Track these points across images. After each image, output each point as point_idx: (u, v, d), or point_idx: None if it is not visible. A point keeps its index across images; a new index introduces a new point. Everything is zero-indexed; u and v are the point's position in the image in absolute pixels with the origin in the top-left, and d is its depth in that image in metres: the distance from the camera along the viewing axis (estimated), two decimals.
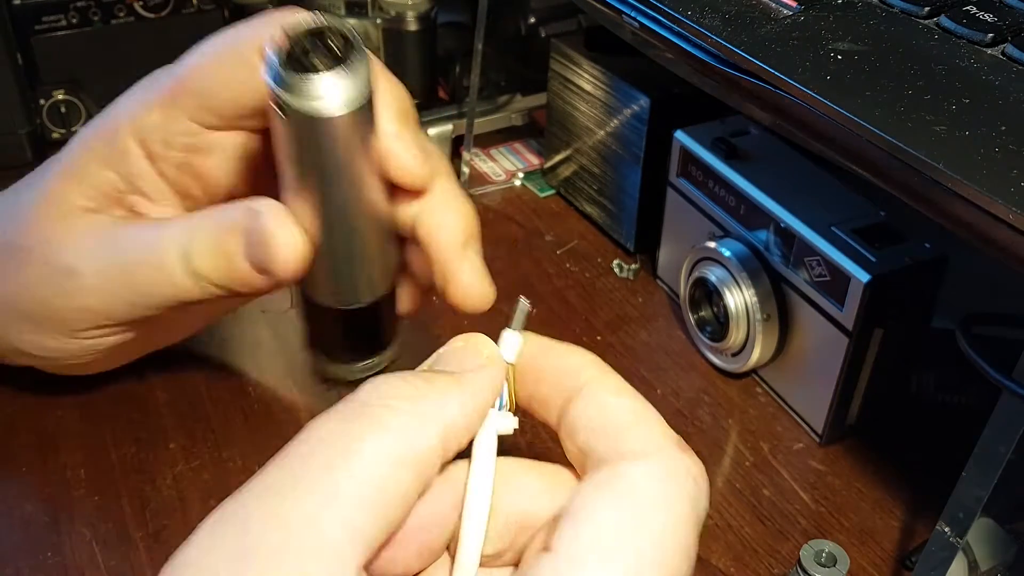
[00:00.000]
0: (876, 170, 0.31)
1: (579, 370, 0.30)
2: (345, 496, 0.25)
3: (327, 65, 0.31)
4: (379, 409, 0.27)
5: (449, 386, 0.28)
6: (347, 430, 0.26)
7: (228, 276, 0.39)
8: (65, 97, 0.66)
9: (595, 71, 0.59)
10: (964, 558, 0.37)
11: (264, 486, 0.27)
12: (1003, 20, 0.32)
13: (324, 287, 0.39)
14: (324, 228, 0.36)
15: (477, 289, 0.38)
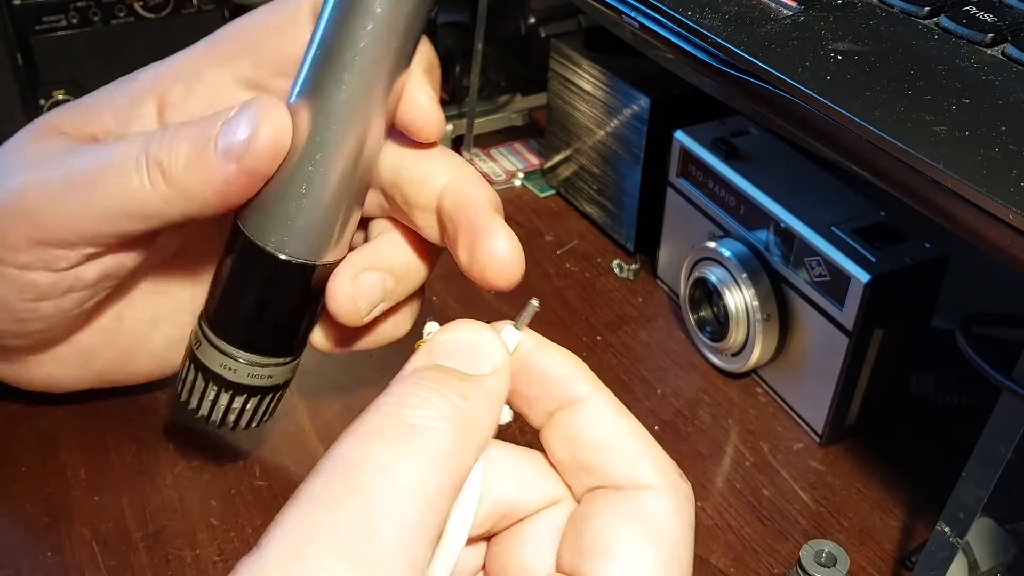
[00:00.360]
0: (876, 170, 0.31)
1: (573, 379, 0.30)
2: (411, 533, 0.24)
3: None
4: (429, 433, 0.26)
5: (482, 402, 0.28)
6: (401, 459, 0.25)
7: (194, 170, 0.35)
8: (65, 97, 0.66)
9: (595, 71, 0.59)
10: (964, 558, 0.37)
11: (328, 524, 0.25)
12: (1003, 20, 0.32)
13: (280, 219, 0.35)
14: (319, 139, 0.34)
15: (513, 257, 0.35)
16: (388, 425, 0.26)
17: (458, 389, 0.27)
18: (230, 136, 0.34)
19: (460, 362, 0.29)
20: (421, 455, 0.25)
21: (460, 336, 0.29)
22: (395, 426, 0.26)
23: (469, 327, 0.30)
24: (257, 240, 0.35)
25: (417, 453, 0.25)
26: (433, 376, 0.28)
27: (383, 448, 0.26)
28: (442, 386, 0.27)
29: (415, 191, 0.37)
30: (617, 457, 0.29)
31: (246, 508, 0.44)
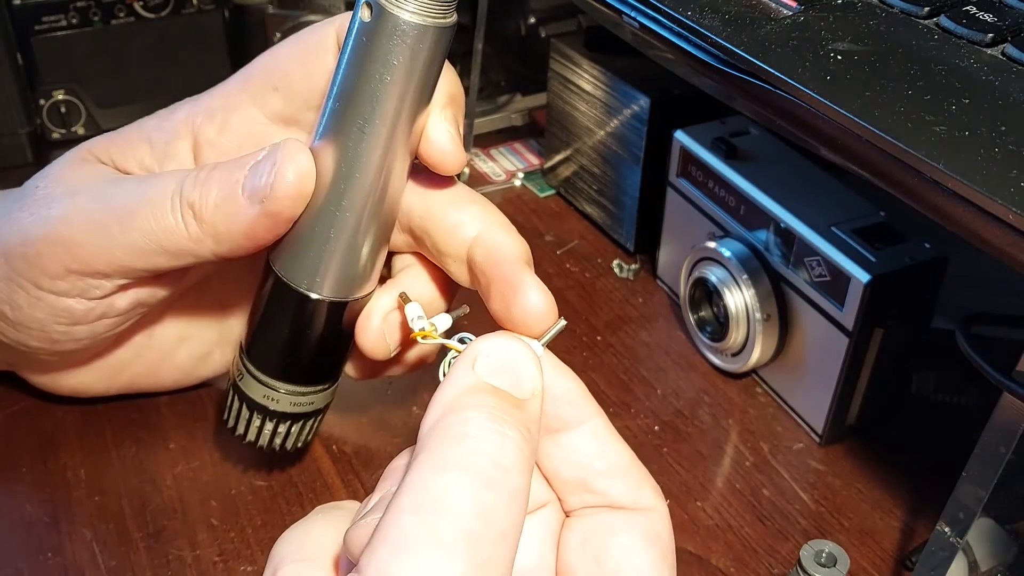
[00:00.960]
0: (876, 170, 0.31)
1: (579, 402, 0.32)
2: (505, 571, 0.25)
3: None
4: (513, 475, 0.26)
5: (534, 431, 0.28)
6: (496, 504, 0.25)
7: (215, 205, 0.36)
8: (65, 97, 0.66)
9: (595, 71, 0.59)
10: (964, 558, 0.37)
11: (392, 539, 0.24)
12: (1003, 20, 0.32)
13: (310, 261, 0.36)
14: (343, 185, 0.35)
15: (547, 308, 0.35)
16: (471, 463, 0.26)
17: (522, 423, 0.28)
18: (255, 179, 0.35)
19: (506, 381, 0.29)
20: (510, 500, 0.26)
21: (503, 353, 0.29)
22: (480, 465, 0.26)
23: (508, 343, 0.30)
24: (289, 281, 0.36)
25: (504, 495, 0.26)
26: (496, 404, 0.28)
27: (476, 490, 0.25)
28: (512, 420, 0.27)
29: (445, 240, 0.37)
30: (623, 483, 0.31)
31: (246, 508, 0.44)
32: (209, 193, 0.36)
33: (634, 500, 0.31)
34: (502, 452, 0.26)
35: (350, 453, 0.47)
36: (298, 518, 0.43)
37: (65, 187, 0.39)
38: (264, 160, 0.35)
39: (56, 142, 0.68)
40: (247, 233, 0.36)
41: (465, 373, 0.28)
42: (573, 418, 0.31)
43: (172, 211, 0.36)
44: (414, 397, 0.50)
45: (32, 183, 0.41)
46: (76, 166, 0.41)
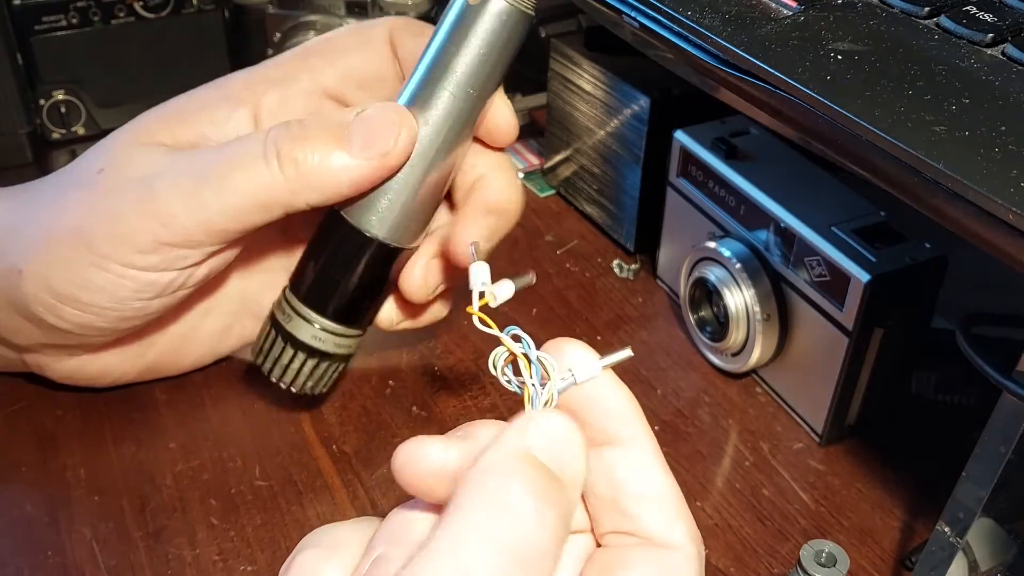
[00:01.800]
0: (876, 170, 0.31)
1: (627, 419, 0.30)
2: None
3: None
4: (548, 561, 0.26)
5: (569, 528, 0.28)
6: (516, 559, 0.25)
7: (328, 166, 0.38)
8: (65, 97, 0.66)
9: (595, 71, 0.59)
10: (964, 558, 0.37)
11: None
12: (1003, 20, 0.32)
13: (382, 209, 0.40)
14: (423, 147, 0.39)
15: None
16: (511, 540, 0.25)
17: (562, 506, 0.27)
18: (370, 136, 0.38)
19: (553, 459, 0.28)
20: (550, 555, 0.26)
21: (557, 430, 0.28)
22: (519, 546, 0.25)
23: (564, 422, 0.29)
24: (358, 225, 0.40)
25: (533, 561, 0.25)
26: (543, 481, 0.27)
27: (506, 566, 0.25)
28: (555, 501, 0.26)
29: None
30: (657, 512, 0.30)
31: (246, 508, 0.44)
32: (313, 147, 0.38)
33: (663, 534, 0.30)
34: (542, 533, 0.25)
35: (350, 453, 0.47)
36: (298, 518, 0.43)
37: (137, 169, 0.40)
38: (377, 118, 0.38)
39: (56, 142, 0.68)
40: (355, 183, 0.39)
41: (516, 439, 0.27)
42: (621, 436, 0.30)
43: (268, 166, 0.38)
44: (414, 397, 0.50)
45: (89, 166, 0.42)
46: (136, 149, 0.41)
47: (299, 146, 0.38)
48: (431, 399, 0.50)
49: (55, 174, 0.44)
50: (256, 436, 0.47)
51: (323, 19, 0.68)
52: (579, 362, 0.30)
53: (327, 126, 0.39)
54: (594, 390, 0.30)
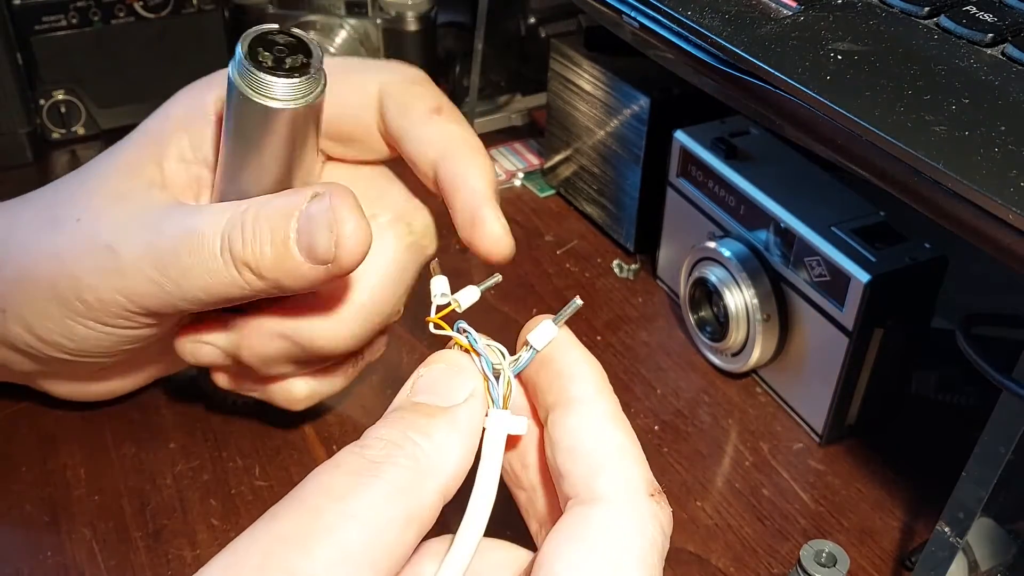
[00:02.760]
0: (876, 170, 0.31)
1: (579, 379, 0.30)
2: (352, 555, 0.26)
3: (270, 67, 0.34)
4: (384, 466, 0.27)
5: (446, 436, 0.28)
6: (355, 487, 0.27)
7: (273, 264, 0.36)
8: (65, 97, 0.66)
9: (595, 71, 0.59)
10: (964, 558, 0.37)
11: (273, 537, 0.26)
12: (1003, 20, 0.32)
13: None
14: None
15: (504, 239, 0.39)
16: (348, 461, 0.27)
17: (422, 427, 0.28)
18: (312, 239, 0.35)
19: (433, 396, 0.29)
20: (374, 487, 0.26)
21: (436, 369, 0.30)
22: (354, 462, 0.27)
23: (445, 359, 0.31)
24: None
25: (370, 485, 0.26)
26: (401, 415, 0.29)
27: (340, 478, 0.27)
28: (407, 426, 0.28)
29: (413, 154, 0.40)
30: (583, 465, 0.28)
31: (246, 508, 0.44)
32: (263, 252, 0.36)
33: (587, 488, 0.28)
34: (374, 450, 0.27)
35: None
36: None
37: (108, 230, 0.38)
38: (316, 217, 0.35)
39: (56, 142, 0.68)
40: (311, 285, 0.37)
41: (399, 396, 0.30)
42: (565, 395, 0.30)
43: (227, 269, 0.37)
44: None
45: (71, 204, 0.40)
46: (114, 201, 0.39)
47: (248, 250, 0.36)
48: None
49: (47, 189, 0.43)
50: (256, 436, 0.47)
51: (323, 19, 0.68)
52: (535, 332, 0.31)
53: (275, 223, 0.36)
54: (550, 355, 0.31)
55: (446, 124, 0.40)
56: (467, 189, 0.38)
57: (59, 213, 0.40)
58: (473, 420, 0.29)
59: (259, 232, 0.36)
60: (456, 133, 0.39)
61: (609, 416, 0.30)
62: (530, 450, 0.33)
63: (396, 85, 0.40)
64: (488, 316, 0.55)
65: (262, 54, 0.34)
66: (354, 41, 0.68)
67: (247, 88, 0.34)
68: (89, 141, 0.69)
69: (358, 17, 0.68)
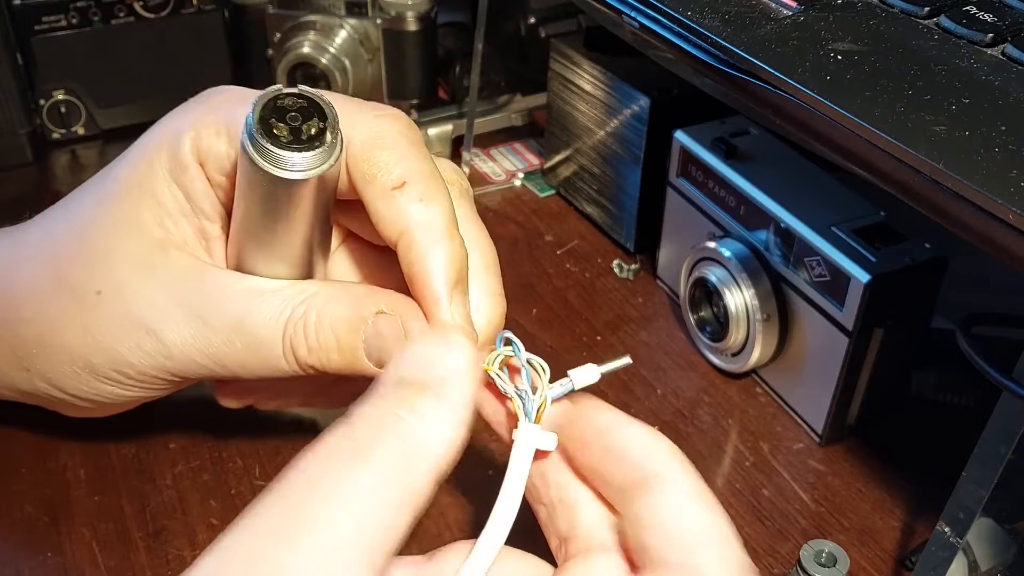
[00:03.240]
0: (876, 170, 0.31)
1: (650, 457, 0.30)
2: (343, 546, 0.25)
3: (287, 142, 0.32)
4: (373, 450, 0.26)
5: (436, 412, 0.28)
6: (341, 472, 0.26)
7: (340, 367, 0.35)
8: (65, 97, 0.66)
9: (595, 71, 0.59)
10: (964, 558, 0.37)
11: (258, 534, 0.26)
12: (1003, 20, 0.32)
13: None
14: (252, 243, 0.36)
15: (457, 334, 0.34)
16: (333, 444, 0.27)
17: (410, 403, 0.27)
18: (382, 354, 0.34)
19: (419, 371, 0.29)
20: (362, 473, 0.26)
21: (424, 342, 0.30)
22: (339, 443, 0.27)
23: (432, 335, 0.30)
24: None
25: (358, 471, 0.26)
26: (386, 391, 0.28)
27: (325, 463, 0.26)
28: (394, 403, 0.27)
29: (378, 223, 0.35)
30: (678, 541, 0.28)
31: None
32: (329, 359, 0.35)
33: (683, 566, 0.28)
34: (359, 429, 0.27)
35: None
36: None
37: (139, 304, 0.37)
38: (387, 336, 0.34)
39: (56, 142, 0.68)
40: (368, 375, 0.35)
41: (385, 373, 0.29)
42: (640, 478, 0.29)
43: (287, 363, 0.36)
44: None
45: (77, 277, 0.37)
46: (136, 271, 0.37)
47: (316, 359, 0.35)
48: None
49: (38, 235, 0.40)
50: (256, 436, 0.47)
51: (323, 19, 0.68)
52: (578, 369, 0.31)
53: (341, 339, 0.35)
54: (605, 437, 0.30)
55: (407, 204, 0.34)
56: (420, 283, 0.34)
57: (71, 280, 0.38)
58: (464, 394, 0.28)
59: (324, 340, 0.35)
60: (416, 216, 0.34)
61: (698, 492, 0.29)
62: (550, 467, 0.33)
63: (362, 146, 0.35)
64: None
65: (276, 126, 0.32)
66: (354, 41, 0.68)
67: (264, 163, 0.32)
68: (89, 141, 0.69)
69: (358, 17, 0.68)
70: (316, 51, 0.67)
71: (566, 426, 0.32)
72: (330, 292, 0.36)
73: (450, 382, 0.28)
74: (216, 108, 0.37)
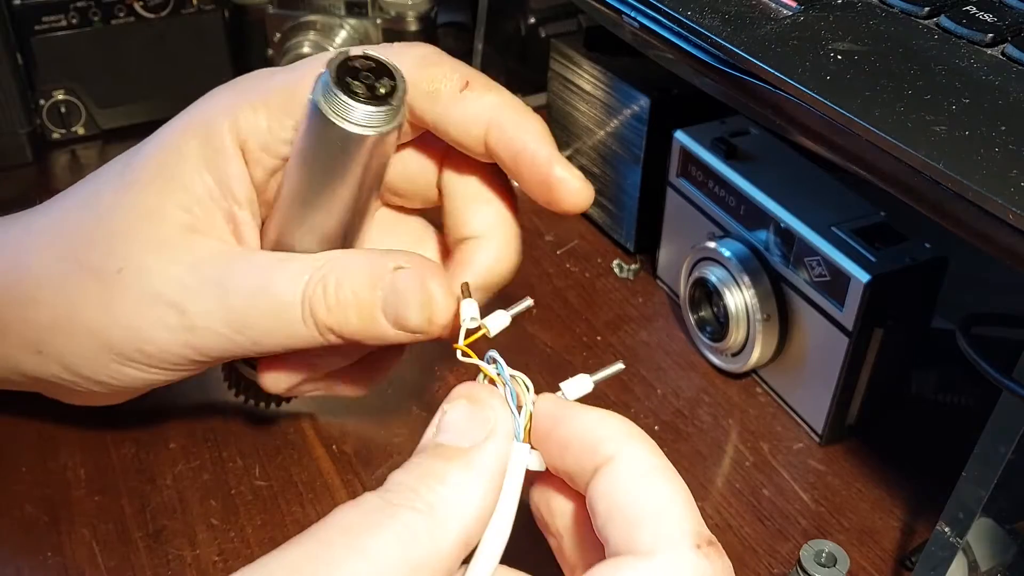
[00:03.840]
0: (876, 170, 0.31)
1: (607, 440, 0.29)
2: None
3: (365, 99, 0.34)
4: (401, 510, 0.27)
5: (464, 480, 0.28)
6: (368, 528, 0.27)
7: (359, 329, 0.36)
8: (65, 97, 0.66)
9: (595, 71, 0.59)
10: (964, 558, 0.37)
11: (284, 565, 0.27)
12: (1003, 20, 0.32)
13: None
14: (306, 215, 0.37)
15: (584, 190, 0.38)
16: (368, 501, 0.27)
17: (439, 473, 0.28)
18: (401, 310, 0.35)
19: (455, 435, 0.29)
20: (387, 528, 0.26)
21: (458, 407, 0.30)
22: (373, 502, 0.27)
23: (468, 394, 0.30)
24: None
25: (383, 525, 0.26)
26: (421, 460, 0.29)
27: (356, 516, 0.27)
28: (425, 471, 0.28)
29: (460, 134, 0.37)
30: (621, 520, 0.27)
31: (246, 508, 0.44)
32: (348, 320, 0.36)
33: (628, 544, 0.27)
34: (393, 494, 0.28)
35: (350, 453, 0.47)
36: (298, 518, 0.43)
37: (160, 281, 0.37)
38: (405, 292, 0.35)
39: (56, 142, 0.68)
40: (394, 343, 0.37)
41: (425, 436, 0.30)
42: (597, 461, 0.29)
43: (310, 332, 0.36)
44: (414, 397, 0.50)
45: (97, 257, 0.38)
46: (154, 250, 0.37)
47: (334, 320, 0.36)
48: (431, 399, 0.50)
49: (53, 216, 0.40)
50: (256, 436, 0.47)
51: (323, 19, 0.68)
52: (569, 381, 0.31)
53: (359, 297, 0.36)
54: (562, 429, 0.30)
55: (480, 96, 0.37)
56: (527, 155, 0.36)
57: (90, 261, 0.38)
58: (492, 460, 0.29)
59: (343, 299, 0.36)
60: (493, 102, 0.37)
61: (644, 468, 0.28)
62: (555, 497, 0.32)
63: (415, 70, 0.37)
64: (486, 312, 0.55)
65: (353, 84, 0.33)
66: (354, 41, 0.68)
67: (340, 119, 0.33)
68: (89, 141, 0.69)
69: (358, 17, 0.68)
70: (316, 51, 0.67)
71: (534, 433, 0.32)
72: (350, 254, 0.37)
73: (479, 450, 0.29)
74: (245, 91, 0.38)
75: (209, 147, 0.37)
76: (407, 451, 0.47)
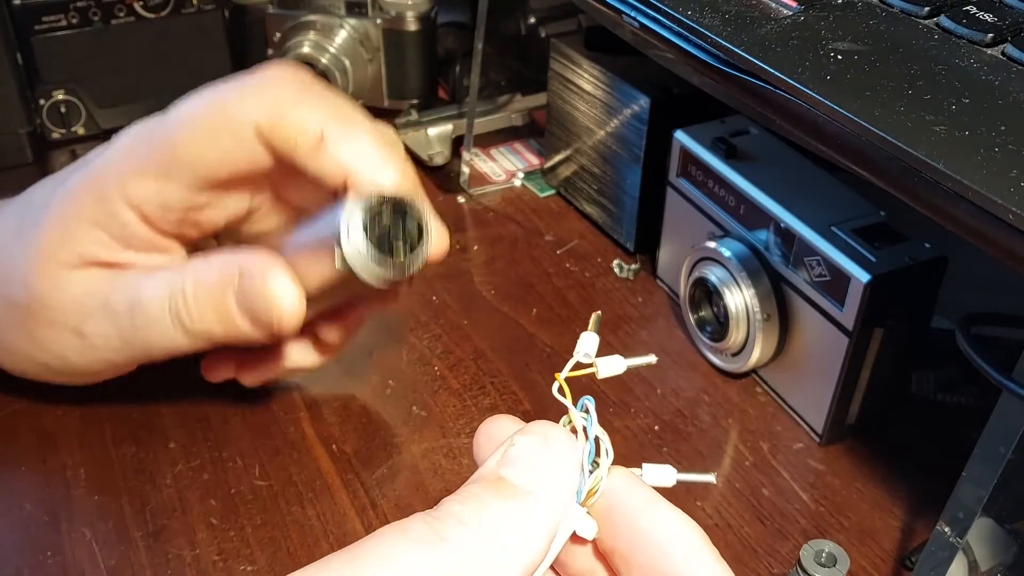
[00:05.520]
0: (876, 170, 0.31)
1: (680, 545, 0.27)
2: None
3: (403, 252, 0.36)
4: (449, 543, 0.25)
5: (522, 526, 0.26)
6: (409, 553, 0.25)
7: (225, 331, 0.40)
8: (65, 97, 0.66)
9: (595, 71, 0.59)
10: (964, 558, 0.37)
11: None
12: (1003, 20, 0.32)
13: None
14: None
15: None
16: (415, 527, 0.26)
17: (494, 512, 0.26)
18: (251, 304, 0.39)
19: (519, 474, 0.27)
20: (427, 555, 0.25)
21: (530, 443, 0.28)
22: (418, 529, 0.26)
23: (544, 433, 0.28)
24: None
25: (424, 553, 0.25)
26: (481, 491, 0.27)
27: (397, 540, 0.25)
28: (483, 506, 0.26)
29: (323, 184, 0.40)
30: None
31: (246, 508, 0.44)
32: (211, 325, 0.40)
33: None
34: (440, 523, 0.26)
35: (350, 453, 0.47)
36: (298, 518, 0.43)
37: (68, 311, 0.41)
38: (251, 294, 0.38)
39: (56, 142, 0.68)
40: (266, 338, 0.40)
41: (489, 463, 0.28)
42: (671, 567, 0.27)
43: (176, 333, 0.40)
44: (414, 397, 0.50)
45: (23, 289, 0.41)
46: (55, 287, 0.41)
47: (199, 326, 0.40)
48: (431, 399, 0.50)
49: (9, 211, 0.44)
50: (256, 436, 0.47)
51: (323, 19, 0.68)
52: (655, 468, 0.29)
53: (215, 302, 0.39)
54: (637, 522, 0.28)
55: (335, 152, 0.39)
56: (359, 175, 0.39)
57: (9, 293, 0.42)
58: (553, 514, 0.27)
59: (202, 308, 0.39)
60: (349, 157, 0.39)
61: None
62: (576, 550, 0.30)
63: (268, 122, 0.38)
64: (488, 316, 0.55)
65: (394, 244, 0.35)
66: (354, 41, 0.68)
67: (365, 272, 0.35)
68: (89, 141, 0.69)
69: (358, 17, 0.68)
70: (316, 51, 0.67)
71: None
72: (203, 261, 0.40)
73: (546, 499, 0.27)
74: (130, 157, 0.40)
75: (103, 211, 0.40)
76: (407, 451, 0.47)
